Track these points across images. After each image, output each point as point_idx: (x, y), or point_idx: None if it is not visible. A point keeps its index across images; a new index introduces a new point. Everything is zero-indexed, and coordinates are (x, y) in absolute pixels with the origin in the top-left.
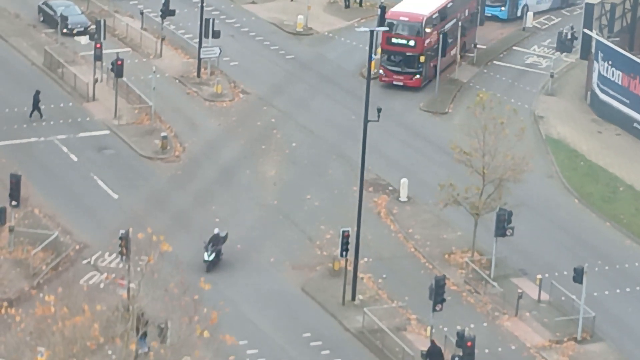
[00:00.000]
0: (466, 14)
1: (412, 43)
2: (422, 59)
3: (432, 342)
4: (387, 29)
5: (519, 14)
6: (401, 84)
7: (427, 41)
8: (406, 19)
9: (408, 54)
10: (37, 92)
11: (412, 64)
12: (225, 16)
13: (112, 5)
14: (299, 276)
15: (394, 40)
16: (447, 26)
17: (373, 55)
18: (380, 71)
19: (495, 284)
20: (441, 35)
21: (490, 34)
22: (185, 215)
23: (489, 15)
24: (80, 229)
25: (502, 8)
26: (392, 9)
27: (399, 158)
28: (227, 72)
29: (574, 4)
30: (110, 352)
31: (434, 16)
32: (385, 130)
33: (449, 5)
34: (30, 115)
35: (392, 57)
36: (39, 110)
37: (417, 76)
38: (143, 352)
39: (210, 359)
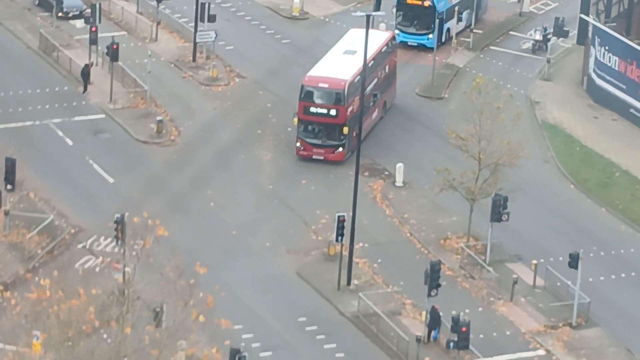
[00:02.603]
0: (386, 70)
1: (333, 112)
2: (345, 130)
3: (433, 307)
4: (383, 13)
5: (443, 39)
6: (321, 157)
7: (349, 109)
8: (326, 85)
9: (329, 124)
10: (86, 65)
11: (333, 136)
12: (221, 0)
13: None
14: (295, 261)
15: (312, 109)
16: (369, 88)
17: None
18: (298, 144)
19: (490, 269)
20: None
21: (487, 19)
22: (181, 199)
23: (415, 44)
24: (76, 212)
25: (430, 36)
26: (309, 74)
27: (394, 143)
28: (223, 56)
29: (480, 19)
30: (105, 335)
31: (355, 80)
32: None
33: (369, 65)
34: (85, 91)
35: (310, 127)
36: (87, 82)
37: (340, 149)
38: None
39: (206, 343)
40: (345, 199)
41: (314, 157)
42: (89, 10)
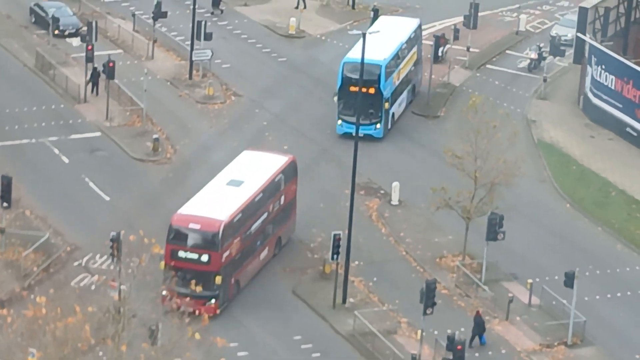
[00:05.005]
0: (281, 201)
1: (204, 258)
2: (217, 279)
3: (478, 312)
4: (378, 31)
5: (389, 125)
6: (191, 309)
7: (225, 254)
8: (197, 226)
9: (200, 271)
10: (95, 69)
11: (205, 285)
12: (217, 18)
13: (104, 7)
14: (290, 279)
15: (181, 254)
16: (255, 226)
17: None
18: (164, 292)
19: (486, 287)
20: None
21: (483, 38)
22: None
23: (361, 135)
24: (72, 230)
25: (378, 126)
26: (180, 212)
27: (390, 161)
28: (219, 74)
29: (419, 92)
30: (101, 353)
31: (235, 219)
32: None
33: (256, 199)
34: (93, 91)
35: (179, 274)
36: (96, 85)
37: (212, 301)
38: None
39: None
40: (341, 217)
41: (182, 308)
42: (85, 29)
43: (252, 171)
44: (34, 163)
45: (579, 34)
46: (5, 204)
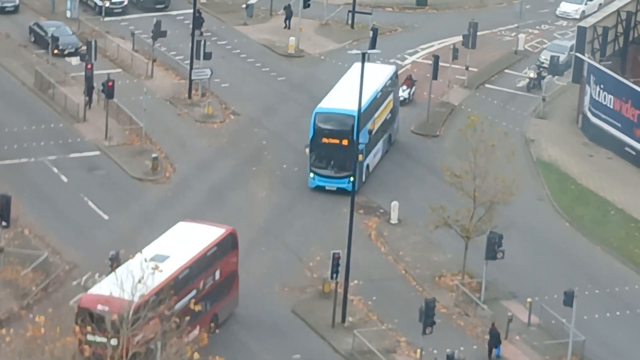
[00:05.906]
0: (216, 276)
1: (114, 342)
2: None
3: (493, 325)
4: (379, 51)
5: (364, 178)
6: None
7: (137, 338)
8: (105, 308)
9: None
10: (91, 86)
11: None
12: (216, 37)
13: (104, 26)
14: (289, 298)
15: (90, 337)
16: (180, 304)
17: None
18: None
19: (485, 306)
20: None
21: (482, 57)
22: None
23: (333, 189)
24: (70, 249)
25: (351, 178)
26: (89, 291)
27: (390, 180)
28: (218, 93)
29: (397, 140)
30: None
31: (151, 299)
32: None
33: (181, 276)
34: (89, 105)
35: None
36: (90, 100)
37: None
38: None
39: None
40: (340, 236)
41: None
42: (84, 48)
43: (181, 245)
44: (33, 182)
45: (578, 54)
46: (4, 223)
